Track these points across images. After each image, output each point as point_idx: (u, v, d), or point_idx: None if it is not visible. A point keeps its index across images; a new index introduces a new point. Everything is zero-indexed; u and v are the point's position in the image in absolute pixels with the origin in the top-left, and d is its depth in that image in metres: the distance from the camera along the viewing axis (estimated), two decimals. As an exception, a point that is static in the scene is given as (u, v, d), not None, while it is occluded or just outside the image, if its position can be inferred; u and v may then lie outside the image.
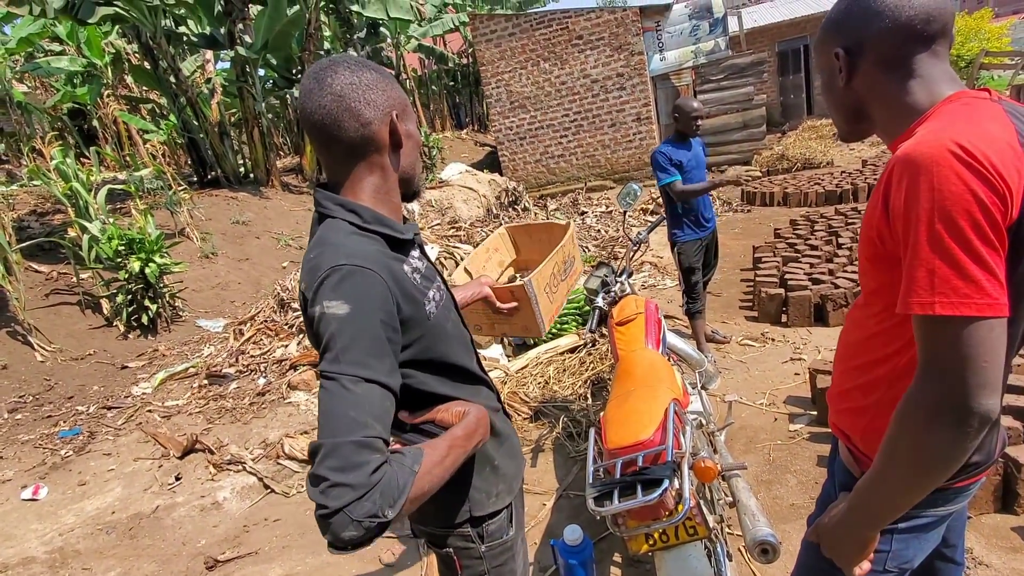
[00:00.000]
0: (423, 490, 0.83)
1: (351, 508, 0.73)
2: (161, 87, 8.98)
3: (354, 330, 0.83)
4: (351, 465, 0.75)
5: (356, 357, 0.82)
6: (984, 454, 0.91)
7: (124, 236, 4.99)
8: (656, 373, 2.02)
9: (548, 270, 1.69)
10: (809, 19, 14.54)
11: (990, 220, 0.70)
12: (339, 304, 0.83)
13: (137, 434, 3.63)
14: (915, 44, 0.84)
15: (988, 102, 0.81)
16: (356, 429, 0.77)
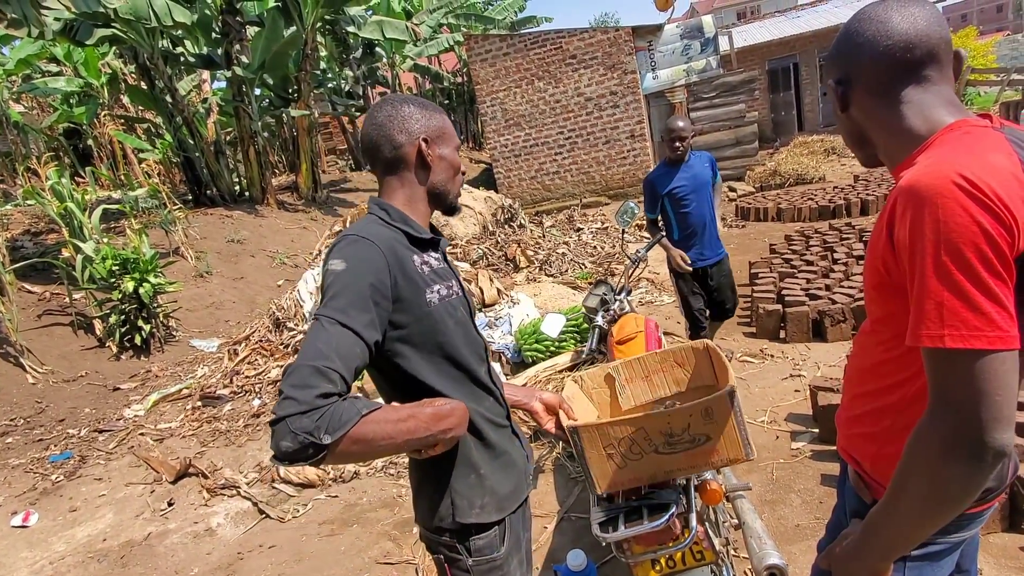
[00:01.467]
0: (366, 436, 0.88)
1: (291, 420, 0.81)
2: (157, 107, 9.01)
3: (343, 283, 0.95)
4: (303, 384, 0.84)
5: (339, 304, 0.93)
6: (997, 480, 0.90)
7: (118, 256, 4.96)
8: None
9: (619, 431, 1.28)
10: (798, 38, 14.82)
11: (997, 252, 0.70)
12: (338, 262, 0.98)
13: (129, 458, 3.57)
14: (899, 72, 0.86)
15: (990, 131, 0.80)
16: (318, 358, 0.87)
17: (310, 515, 2.81)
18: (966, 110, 0.87)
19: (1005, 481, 0.92)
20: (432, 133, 1.17)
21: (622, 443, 1.29)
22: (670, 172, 3.17)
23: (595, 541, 2.00)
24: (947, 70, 0.87)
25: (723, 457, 1.31)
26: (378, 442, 0.90)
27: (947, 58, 0.87)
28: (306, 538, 2.64)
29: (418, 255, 1.10)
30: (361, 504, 2.82)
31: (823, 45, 14.89)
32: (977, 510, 0.91)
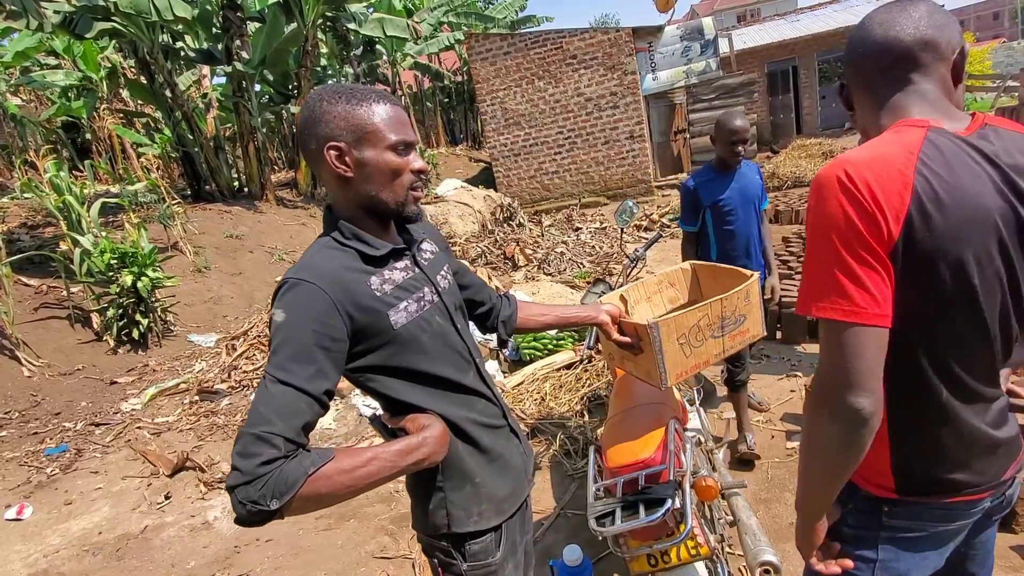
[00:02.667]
0: (319, 492, 0.87)
1: (238, 491, 0.82)
2: (157, 101, 8.99)
3: (283, 336, 0.92)
4: (246, 453, 0.84)
5: (278, 361, 0.91)
6: (971, 474, 0.90)
7: (116, 250, 4.95)
8: (652, 393, 2.02)
9: (691, 320, 1.48)
10: (797, 41, 14.86)
11: (859, 239, 0.79)
12: (279, 313, 0.95)
13: (126, 451, 3.57)
14: (874, 76, 0.92)
15: (913, 130, 0.84)
16: (259, 423, 0.85)
17: (307, 510, 2.82)
18: (946, 109, 0.88)
19: (988, 478, 0.92)
20: (349, 135, 1.00)
21: (692, 332, 1.49)
22: (720, 180, 2.59)
23: (592, 537, 2.01)
24: (932, 70, 0.88)
25: (752, 334, 1.63)
26: (334, 494, 0.89)
27: (929, 59, 0.88)
28: (303, 532, 2.65)
29: (377, 275, 1.03)
30: (358, 499, 2.83)
31: (821, 49, 14.94)
32: (951, 500, 0.91)
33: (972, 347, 0.86)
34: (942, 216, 0.78)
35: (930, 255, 0.79)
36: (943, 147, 0.82)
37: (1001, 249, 0.81)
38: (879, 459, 0.93)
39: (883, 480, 0.94)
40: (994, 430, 0.90)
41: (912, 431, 0.90)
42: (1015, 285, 0.84)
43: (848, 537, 0.99)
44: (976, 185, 0.80)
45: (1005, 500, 0.99)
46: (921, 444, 0.90)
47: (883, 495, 0.94)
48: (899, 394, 0.88)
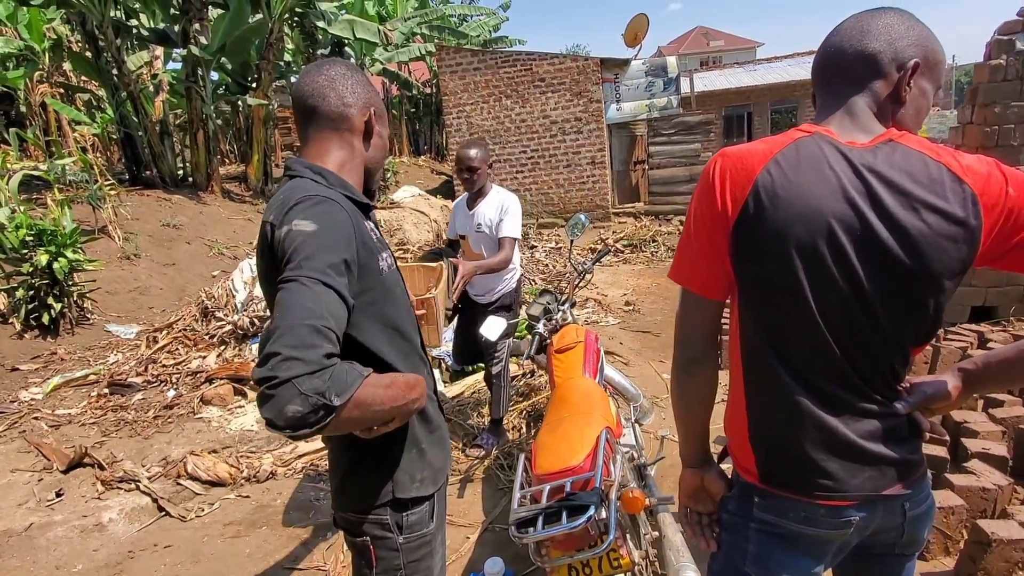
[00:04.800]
0: (366, 400, 0.85)
1: (300, 381, 0.75)
2: (101, 78, 8.50)
3: (318, 245, 0.90)
4: (305, 344, 0.78)
5: (317, 265, 0.87)
6: (828, 478, 0.88)
7: (34, 226, 4.57)
8: (590, 401, 1.98)
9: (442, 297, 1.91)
10: (753, 89, 15.70)
11: (703, 221, 0.90)
12: (307, 223, 0.91)
13: (19, 443, 3.23)
14: (819, 83, 0.96)
15: (794, 133, 0.89)
16: (312, 317, 0.81)
17: (216, 515, 2.60)
18: (861, 124, 0.88)
19: (856, 488, 0.88)
20: (379, 109, 1.15)
21: None
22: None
23: (518, 552, 1.92)
24: (865, 86, 0.89)
25: None
26: (373, 407, 0.87)
27: (865, 73, 0.89)
28: (207, 539, 2.44)
29: (366, 220, 1.09)
30: (274, 506, 2.64)
31: (775, 98, 15.84)
32: (810, 500, 0.89)
33: (814, 347, 0.86)
34: (774, 208, 0.83)
35: (759, 242, 0.85)
36: (805, 151, 0.85)
37: (834, 251, 0.82)
38: (742, 441, 0.96)
39: (748, 464, 0.96)
40: (863, 440, 0.88)
41: (765, 418, 0.93)
42: (860, 292, 0.83)
43: (726, 523, 1.01)
44: (817, 188, 0.83)
45: (903, 530, 0.94)
46: (773, 433, 0.92)
47: (751, 481, 0.95)
48: (752, 378, 0.93)
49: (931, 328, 0.89)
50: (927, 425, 0.94)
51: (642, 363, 4.16)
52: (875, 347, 0.87)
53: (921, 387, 0.95)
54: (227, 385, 3.61)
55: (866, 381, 0.88)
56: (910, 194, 0.82)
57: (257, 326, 4.00)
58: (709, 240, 0.89)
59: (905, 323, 0.86)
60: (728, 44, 39.08)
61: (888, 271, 0.83)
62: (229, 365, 3.79)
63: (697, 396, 1.00)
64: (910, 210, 0.81)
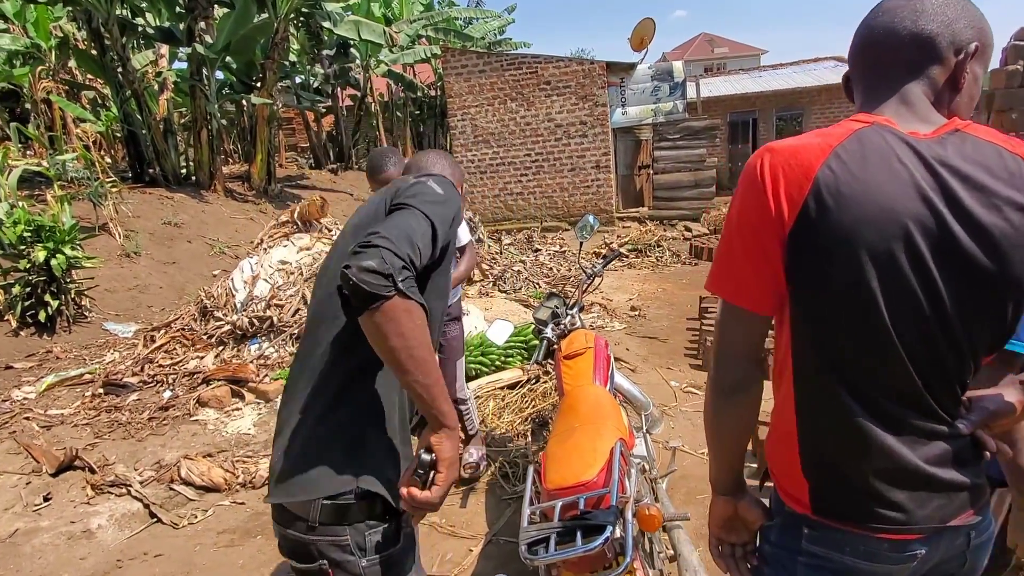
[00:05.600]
0: (412, 322, 0.89)
1: (387, 253, 0.87)
2: (106, 75, 8.47)
3: (438, 202, 1.04)
4: (400, 242, 0.89)
5: (433, 210, 1.01)
6: (892, 508, 0.79)
7: (32, 222, 4.50)
8: (602, 410, 1.89)
9: None
10: (759, 95, 15.62)
11: (751, 227, 0.79)
12: (439, 188, 1.08)
13: (9, 444, 3.15)
14: (864, 68, 0.87)
15: (850, 124, 0.80)
16: (415, 234, 0.94)
17: (209, 522, 2.51)
18: (921, 113, 0.80)
19: (922, 519, 0.80)
20: None
21: None
22: None
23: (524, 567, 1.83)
24: (922, 72, 0.81)
25: None
26: (412, 335, 0.88)
27: (921, 58, 0.81)
28: (200, 548, 2.34)
29: None
30: (270, 514, 2.54)
31: (780, 105, 15.77)
32: (872, 534, 0.80)
33: (883, 365, 0.77)
34: (839, 210, 0.74)
35: (823, 247, 0.75)
36: (869, 143, 0.76)
37: (912, 257, 0.73)
38: (791, 468, 0.87)
39: (798, 493, 0.86)
40: (931, 466, 0.80)
41: (821, 444, 0.84)
42: (938, 303, 0.75)
43: (768, 556, 0.92)
44: (889, 185, 0.73)
45: (966, 559, 0.86)
46: (830, 461, 0.83)
47: (801, 511, 0.86)
48: (807, 400, 0.83)
49: (1005, 338, 0.80)
50: (993, 445, 0.84)
51: (649, 370, 4.07)
52: (950, 362, 0.78)
53: (982, 403, 0.85)
54: (224, 387, 3.53)
55: (936, 400, 0.79)
56: (989, 190, 0.73)
57: (256, 326, 3.91)
58: (759, 247, 0.79)
59: (981, 334, 0.77)
60: (732, 51, 39.08)
61: (967, 277, 0.74)
62: (227, 366, 3.71)
63: (739, 423, 0.90)
64: (990, 208, 0.73)
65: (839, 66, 16.84)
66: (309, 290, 4.07)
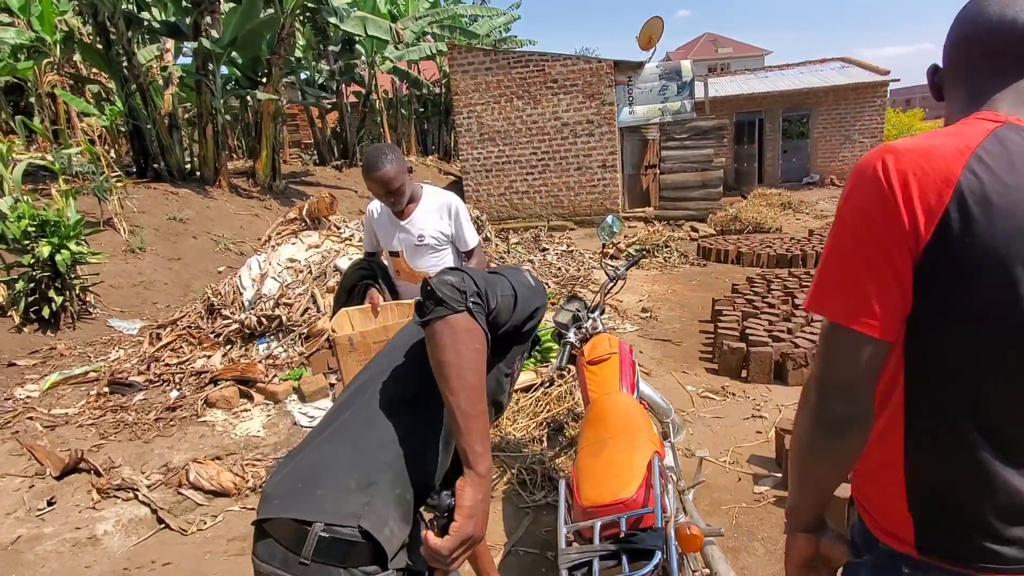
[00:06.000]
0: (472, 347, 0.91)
1: (465, 278, 0.94)
2: (111, 70, 8.39)
3: (527, 288, 1.09)
4: (479, 282, 0.97)
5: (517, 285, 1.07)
6: (1012, 547, 0.73)
7: (37, 216, 4.42)
8: (632, 420, 1.81)
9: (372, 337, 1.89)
10: (765, 96, 15.53)
11: (877, 239, 0.70)
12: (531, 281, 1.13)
13: (11, 444, 3.07)
14: (975, 61, 0.79)
15: (982, 123, 0.72)
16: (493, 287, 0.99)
17: (219, 529, 2.44)
18: None
19: None
20: None
21: None
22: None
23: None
24: None
25: None
26: (467, 355, 0.90)
27: None
28: (210, 556, 2.27)
29: None
30: (280, 520, 2.47)
31: (787, 105, 15.67)
32: (977, 573, 0.74)
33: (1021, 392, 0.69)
34: (988, 221, 0.65)
35: (968, 265, 0.67)
36: (1012, 145, 0.68)
37: None
38: (891, 502, 0.80)
39: (899, 530, 0.79)
40: None
41: (935, 478, 0.76)
42: None
43: None
44: None
45: None
46: (944, 496, 0.76)
47: (902, 550, 0.79)
48: (922, 431, 0.76)
49: None
50: None
51: (664, 373, 3.99)
52: None
53: None
54: (233, 387, 3.45)
55: None
56: None
57: (265, 325, 3.84)
58: (885, 262, 0.69)
59: None
60: (736, 51, 38.96)
61: None
62: (235, 366, 3.63)
63: (845, 461, 0.79)
64: None
65: (846, 67, 16.73)
66: (318, 289, 3.99)
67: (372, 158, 2.07)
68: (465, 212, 2.39)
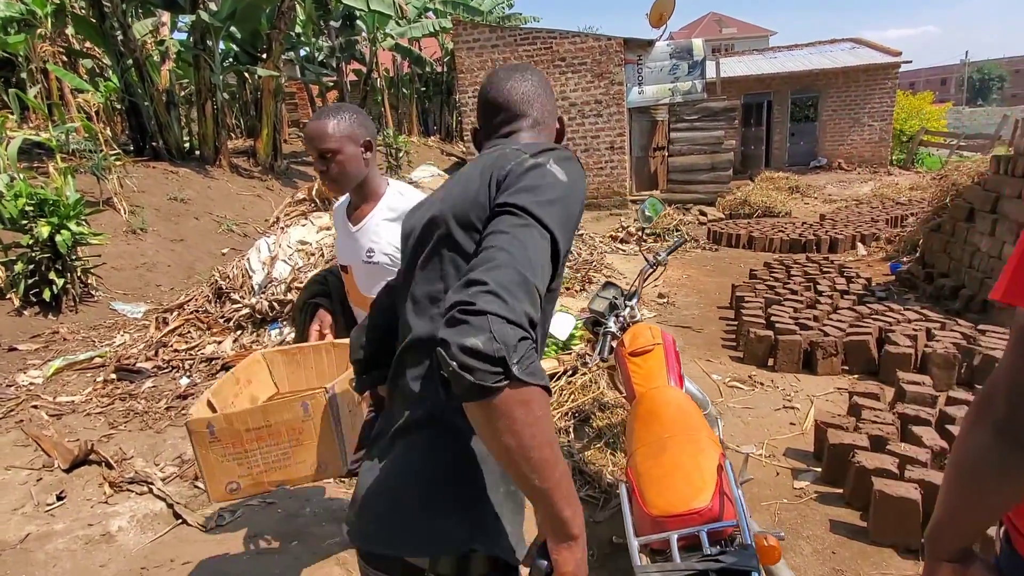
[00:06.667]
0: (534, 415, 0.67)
1: (495, 320, 0.64)
2: (105, 44, 8.10)
3: (564, 197, 0.82)
4: (514, 291, 0.67)
5: (556, 217, 0.79)
6: None
7: (35, 195, 4.25)
8: (688, 418, 1.69)
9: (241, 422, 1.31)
10: (774, 77, 15.24)
11: None
12: (560, 171, 0.84)
13: (15, 434, 2.95)
14: None
15: None
16: (529, 269, 0.71)
17: (239, 524, 2.33)
18: None
19: None
20: None
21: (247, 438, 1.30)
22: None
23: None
24: None
25: (321, 463, 1.34)
26: (529, 433, 0.66)
27: None
28: (231, 554, 2.16)
29: None
30: (304, 515, 2.37)
31: (796, 87, 15.38)
32: None
33: None
34: None
35: None
36: None
37: None
38: None
39: None
40: None
41: None
42: None
43: None
44: None
45: None
46: None
47: None
48: None
49: None
50: None
51: (688, 361, 3.88)
52: None
53: None
54: (244, 375, 3.32)
55: None
56: None
57: (276, 310, 3.70)
58: None
59: None
60: (741, 31, 38.35)
61: None
62: (247, 352, 3.50)
63: None
64: None
65: (857, 48, 16.40)
66: (330, 273, 3.85)
67: (325, 109, 1.57)
68: None
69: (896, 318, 3.97)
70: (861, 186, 12.37)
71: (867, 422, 2.63)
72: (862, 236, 7.31)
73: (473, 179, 0.89)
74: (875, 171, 14.24)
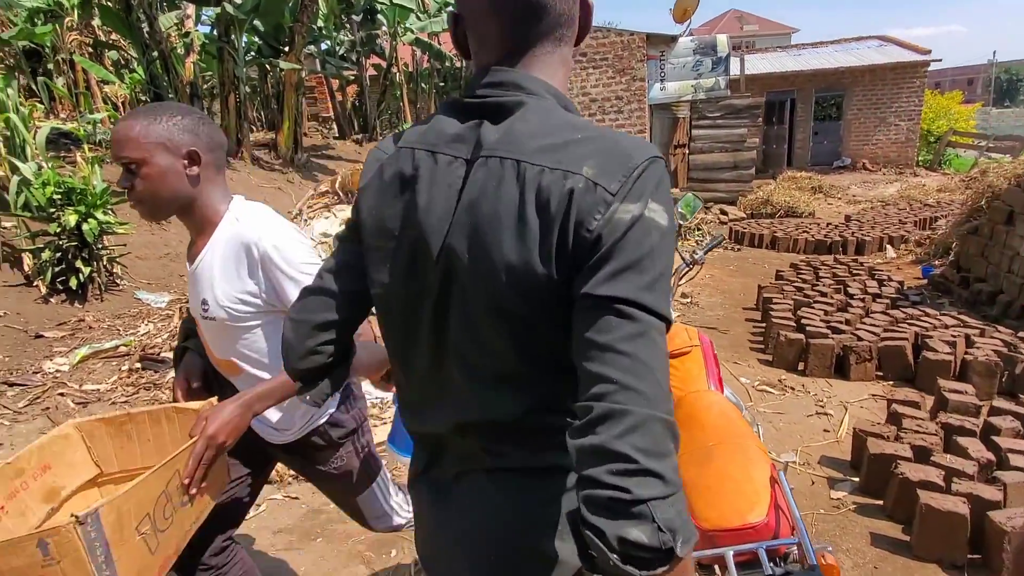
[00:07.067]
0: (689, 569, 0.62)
1: (656, 505, 0.54)
2: (132, 35, 8.18)
3: (668, 254, 0.62)
4: (660, 452, 0.56)
5: (666, 289, 0.61)
6: None
7: (63, 184, 4.27)
8: (733, 425, 1.63)
9: (147, 491, 0.98)
10: (798, 75, 14.95)
11: None
12: (661, 212, 0.62)
13: (42, 421, 2.97)
14: None
15: None
16: (664, 403, 0.58)
17: (262, 519, 2.31)
18: None
19: None
20: None
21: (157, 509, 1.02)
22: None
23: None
24: None
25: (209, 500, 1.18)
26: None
27: None
28: (256, 551, 2.14)
29: None
30: (327, 511, 2.34)
31: (821, 85, 15.08)
32: None
33: None
34: None
35: None
36: None
37: None
38: None
39: None
40: None
41: None
42: None
43: None
44: None
45: None
46: None
47: None
48: None
49: None
50: None
51: (714, 364, 3.79)
52: None
53: None
54: (267, 367, 3.32)
55: None
56: None
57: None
58: None
59: None
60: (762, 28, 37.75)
61: None
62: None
63: None
64: None
65: (884, 45, 16.02)
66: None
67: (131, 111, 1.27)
68: (292, 253, 1.21)
69: (932, 323, 3.85)
70: (887, 187, 12.10)
71: (908, 431, 2.53)
72: (890, 238, 7.14)
73: (514, 213, 0.63)
74: (900, 172, 13.92)
